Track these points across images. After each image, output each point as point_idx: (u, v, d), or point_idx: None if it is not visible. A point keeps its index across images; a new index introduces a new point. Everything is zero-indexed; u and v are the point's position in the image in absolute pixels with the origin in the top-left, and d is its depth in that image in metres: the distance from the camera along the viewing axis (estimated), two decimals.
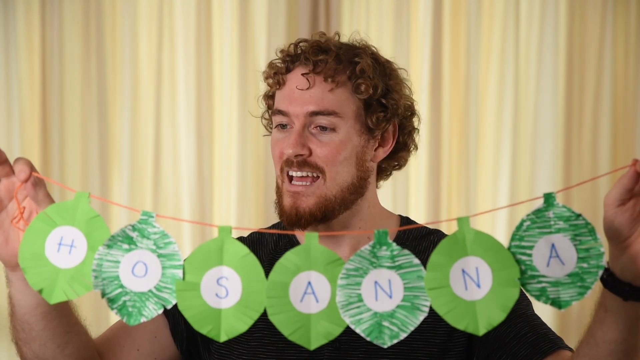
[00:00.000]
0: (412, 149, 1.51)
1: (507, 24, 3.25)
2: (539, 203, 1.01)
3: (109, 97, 3.21)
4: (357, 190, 1.42)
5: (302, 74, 1.39)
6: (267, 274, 1.03)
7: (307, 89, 1.38)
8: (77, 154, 3.20)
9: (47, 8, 3.19)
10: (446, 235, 1.51)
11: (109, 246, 1.04)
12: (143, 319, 1.04)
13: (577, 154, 3.28)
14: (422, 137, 3.32)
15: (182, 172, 3.22)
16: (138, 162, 3.22)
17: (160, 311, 1.03)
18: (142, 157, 3.22)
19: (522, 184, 3.25)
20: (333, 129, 1.39)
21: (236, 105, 3.21)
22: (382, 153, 1.46)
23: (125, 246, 1.04)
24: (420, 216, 3.21)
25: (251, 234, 1.55)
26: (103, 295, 1.04)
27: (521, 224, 1.01)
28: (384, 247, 1.02)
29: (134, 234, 1.04)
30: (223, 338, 1.02)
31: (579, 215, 1.00)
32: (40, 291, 1.05)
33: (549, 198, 1.00)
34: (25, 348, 1.23)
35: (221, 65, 3.23)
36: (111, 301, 1.04)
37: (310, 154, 1.38)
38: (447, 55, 3.26)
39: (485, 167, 3.26)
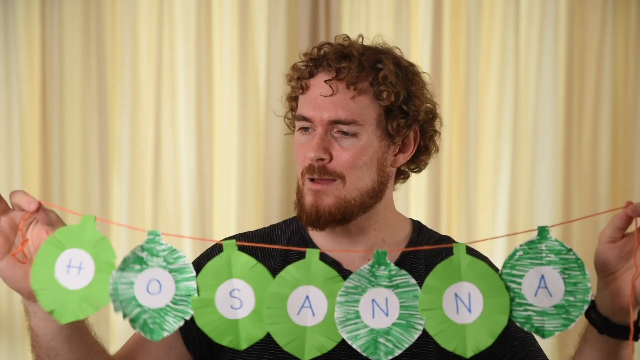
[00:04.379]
0: (433, 151, 1.52)
1: (507, 24, 3.24)
2: (534, 235, 1.04)
3: (109, 97, 3.21)
4: (377, 194, 1.44)
5: (325, 81, 1.41)
6: (279, 270, 1.08)
7: (330, 95, 1.40)
8: (77, 154, 3.20)
9: (47, 8, 3.19)
10: (456, 242, 1.53)
11: (121, 269, 1.08)
12: (165, 334, 1.08)
13: (577, 154, 3.28)
14: None
15: (182, 172, 3.22)
16: (138, 162, 3.22)
17: (181, 324, 1.08)
18: (142, 157, 3.22)
19: (522, 184, 3.26)
20: (354, 135, 1.40)
21: (236, 105, 3.21)
22: (403, 159, 1.47)
23: (137, 267, 1.09)
24: (420, 217, 3.21)
25: (259, 229, 1.57)
26: (124, 316, 1.08)
27: (514, 253, 1.05)
28: (383, 267, 1.06)
29: (144, 254, 1.09)
30: (244, 346, 1.08)
31: (569, 250, 1.04)
32: (51, 312, 1.09)
33: (542, 231, 1.04)
34: None
35: (221, 65, 3.23)
36: (133, 321, 1.08)
37: (331, 159, 1.40)
38: (447, 55, 3.26)
39: (485, 168, 3.26)
